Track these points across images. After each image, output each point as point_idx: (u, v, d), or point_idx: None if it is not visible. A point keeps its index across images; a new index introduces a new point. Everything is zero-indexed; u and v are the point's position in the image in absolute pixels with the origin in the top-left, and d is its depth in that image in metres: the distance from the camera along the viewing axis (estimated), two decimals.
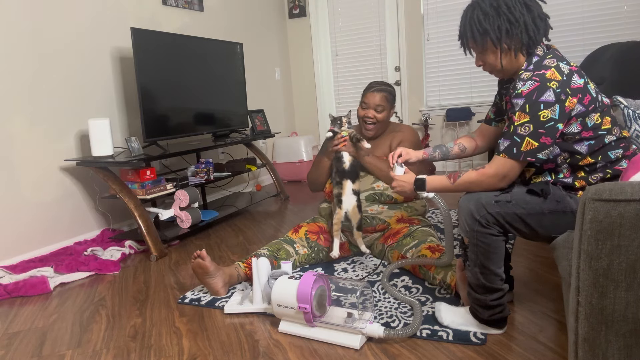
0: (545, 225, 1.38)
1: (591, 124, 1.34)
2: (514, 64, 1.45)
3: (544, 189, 1.37)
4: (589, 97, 1.33)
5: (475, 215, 1.39)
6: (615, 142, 1.37)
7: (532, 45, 1.41)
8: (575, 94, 1.32)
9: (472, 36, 1.44)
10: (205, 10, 4.10)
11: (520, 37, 1.39)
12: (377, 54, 5.00)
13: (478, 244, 1.42)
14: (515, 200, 1.37)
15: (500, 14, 1.38)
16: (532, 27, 1.38)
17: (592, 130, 1.34)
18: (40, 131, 2.77)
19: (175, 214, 2.91)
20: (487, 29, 1.39)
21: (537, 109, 1.31)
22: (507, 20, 1.38)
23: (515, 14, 1.37)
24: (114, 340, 1.75)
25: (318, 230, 2.35)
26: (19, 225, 2.66)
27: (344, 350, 1.55)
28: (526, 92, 1.33)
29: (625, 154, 1.39)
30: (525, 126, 1.33)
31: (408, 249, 2.09)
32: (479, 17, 1.41)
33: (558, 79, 1.31)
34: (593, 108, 1.34)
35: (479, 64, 1.50)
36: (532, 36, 1.39)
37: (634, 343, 0.91)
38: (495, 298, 1.48)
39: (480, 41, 1.44)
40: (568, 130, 1.35)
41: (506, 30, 1.38)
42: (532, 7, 1.39)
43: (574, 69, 1.35)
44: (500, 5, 1.38)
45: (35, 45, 2.75)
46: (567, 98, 1.31)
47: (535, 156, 1.34)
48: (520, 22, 1.37)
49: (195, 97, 3.47)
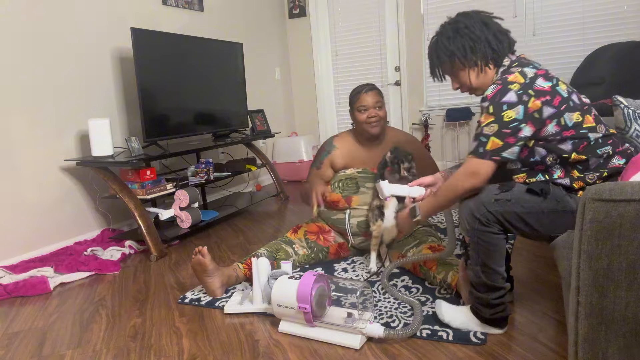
0: (545, 224, 1.39)
1: (571, 123, 1.37)
2: (483, 79, 1.53)
3: (543, 189, 1.38)
4: (559, 98, 1.37)
5: (475, 214, 1.41)
6: (602, 139, 1.39)
7: (498, 58, 1.50)
8: (539, 96, 1.36)
9: (441, 61, 1.56)
10: (205, 10, 4.10)
11: (484, 52, 1.49)
12: (377, 54, 5.00)
13: (479, 242, 1.44)
14: (515, 199, 1.39)
15: (462, 35, 1.49)
16: (494, 41, 1.48)
17: (574, 129, 1.37)
18: (40, 131, 2.77)
19: (175, 214, 2.91)
20: (452, 50, 1.51)
21: (500, 110, 1.36)
22: (470, 39, 1.49)
23: (475, 32, 1.48)
24: (114, 340, 1.75)
25: (317, 230, 2.35)
26: (19, 225, 2.66)
27: (344, 350, 1.55)
28: (490, 95, 1.39)
29: (616, 150, 1.39)
30: (490, 126, 1.38)
31: (409, 249, 2.09)
32: (443, 42, 1.53)
33: (520, 81, 1.37)
34: (567, 107, 1.37)
35: (456, 87, 1.59)
36: (495, 49, 1.49)
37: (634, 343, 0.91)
38: (497, 297, 1.48)
39: (449, 64, 1.54)
40: (547, 133, 1.39)
41: (470, 48, 1.49)
42: (490, 24, 1.50)
43: (540, 72, 1.40)
44: (459, 27, 1.50)
45: (35, 46, 2.75)
46: (529, 99, 1.36)
47: (500, 155, 1.38)
48: (482, 38, 1.48)
49: (195, 97, 3.47)
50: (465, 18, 1.52)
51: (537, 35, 4.31)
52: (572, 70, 4.06)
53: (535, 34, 4.31)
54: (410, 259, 1.95)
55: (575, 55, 4.17)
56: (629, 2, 3.97)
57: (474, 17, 1.51)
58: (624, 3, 3.99)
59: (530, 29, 4.32)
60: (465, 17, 1.52)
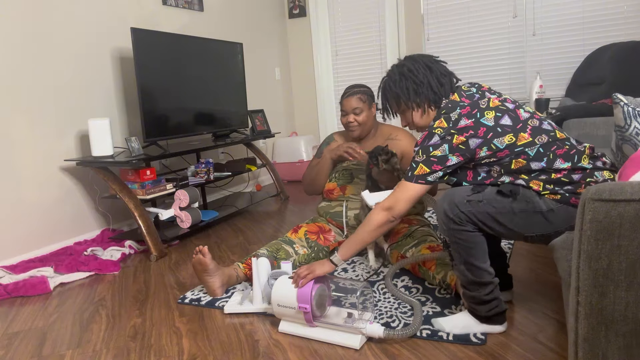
0: (518, 223, 1.43)
1: (502, 145, 1.45)
2: (425, 120, 1.63)
3: (512, 190, 1.44)
4: (483, 129, 1.45)
5: (448, 214, 1.46)
6: (543, 147, 1.44)
7: (438, 100, 1.59)
8: (462, 133, 1.45)
9: (388, 102, 1.66)
10: (205, 10, 4.10)
11: (427, 94, 1.59)
12: (377, 54, 5.00)
13: (457, 241, 1.48)
14: (486, 200, 1.44)
15: (407, 78, 1.60)
16: (436, 85, 1.58)
17: (507, 149, 1.45)
18: (40, 131, 2.77)
19: (175, 214, 2.91)
20: (397, 92, 1.61)
21: (428, 150, 1.49)
22: (413, 82, 1.59)
23: (419, 76, 1.58)
24: (114, 340, 1.75)
25: (318, 230, 2.35)
26: (19, 225, 2.67)
27: (344, 350, 1.55)
28: (419, 141, 1.52)
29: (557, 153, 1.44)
30: (419, 155, 1.50)
31: (408, 249, 2.09)
32: (389, 84, 1.64)
33: (444, 126, 1.48)
34: (493, 135, 1.45)
35: (404, 124, 1.70)
36: (436, 92, 1.58)
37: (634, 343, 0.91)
38: (488, 292, 1.50)
39: (395, 104, 1.65)
40: (481, 156, 1.47)
41: (414, 90, 1.59)
42: (434, 68, 1.60)
43: (464, 111, 1.48)
44: (403, 71, 1.60)
45: (35, 46, 2.75)
46: (452, 137, 1.46)
47: (425, 179, 1.49)
48: (425, 82, 1.58)
49: (195, 97, 3.47)
50: (410, 62, 1.61)
51: (537, 35, 4.31)
52: (572, 70, 4.06)
53: (535, 34, 4.31)
54: (409, 260, 1.96)
55: (575, 55, 4.16)
56: (629, 2, 3.97)
57: (418, 61, 1.61)
58: (624, 3, 3.99)
59: (530, 29, 4.32)
60: (410, 60, 1.62)
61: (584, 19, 4.13)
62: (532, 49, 4.35)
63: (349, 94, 2.33)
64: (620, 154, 1.75)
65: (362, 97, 2.32)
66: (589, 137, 2.78)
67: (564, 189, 1.41)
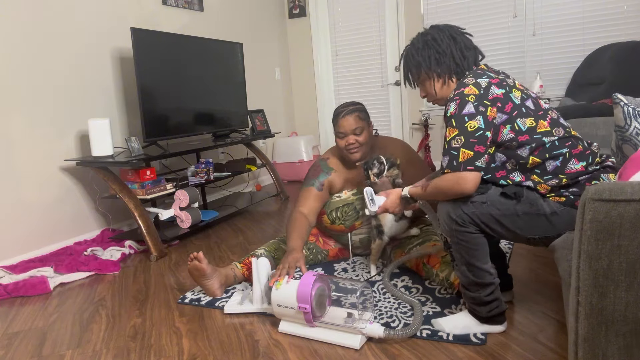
0: (521, 226, 1.43)
1: (524, 128, 1.42)
2: (446, 91, 1.60)
3: (516, 192, 1.43)
4: (510, 105, 1.43)
5: (452, 215, 1.46)
6: (558, 141, 1.42)
7: (461, 72, 1.56)
8: (494, 104, 1.42)
9: (409, 70, 1.63)
10: (205, 10, 4.10)
11: (449, 65, 1.56)
12: (377, 54, 5.00)
13: (459, 242, 1.48)
14: (490, 202, 1.44)
15: (430, 46, 1.57)
16: (459, 56, 1.55)
17: (527, 134, 1.42)
18: (40, 131, 2.77)
19: (175, 214, 2.91)
20: (419, 60, 1.59)
21: (462, 122, 1.42)
22: (436, 51, 1.56)
23: (442, 45, 1.55)
24: (114, 340, 1.75)
25: (317, 232, 2.35)
26: (19, 225, 2.67)
27: (344, 350, 1.55)
28: (452, 111, 1.45)
29: (572, 152, 1.42)
30: (457, 139, 1.42)
31: (411, 248, 2.08)
32: (412, 52, 1.61)
33: (475, 92, 1.43)
34: (518, 114, 1.42)
35: (423, 95, 1.66)
36: (459, 64, 1.56)
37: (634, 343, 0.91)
38: (489, 293, 1.50)
39: (416, 73, 1.62)
40: (503, 139, 1.43)
41: (435, 60, 1.56)
42: (458, 39, 1.57)
43: (495, 81, 1.46)
44: (428, 39, 1.58)
45: (35, 46, 2.75)
46: (486, 109, 1.42)
47: (474, 164, 1.41)
48: (447, 51, 1.55)
49: (195, 97, 3.47)
50: (435, 31, 1.59)
51: (537, 35, 4.31)
52: (572, 70, 4.07)
53: (535, 34, 4.31)
54: (405, 258, 1.96)
55: (575, 55, 4.16)
56: (629, 2, 3.97)
57: (443, 31, 1.58)
58: (624, 3, 3.99)
59: (530, 29, 4.32)
60: (435, 30, 1.59)
61: (584, 19, 4.13)
62: (532, 49, 4.35)
63: (345, 112, 2.09)
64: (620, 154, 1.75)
65: (361, 115, 2.10)
66: (589, 137, 2.78)
67: (569, 191, 1.41)
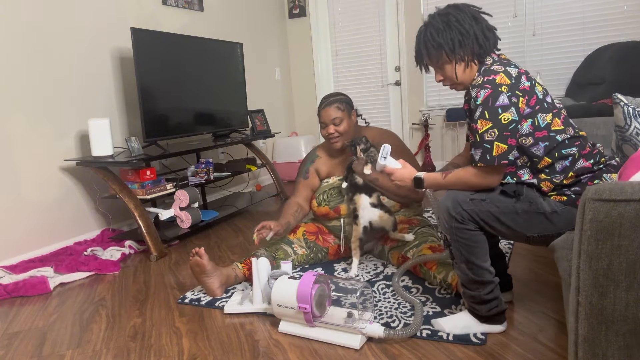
0: (520, 224, 1.43)
1: (544, 123, 1.41)
2: (468, 75, 1.53)
3: (516, 190, 1.43)
4: (535, 98, 1.41)
5: (451, 212, 1.45)
6: (569, 140, 1.42)
7: (483, 54, 1.50)
8: (524, 95, 1.40)
9: (428, 52, 1.53)
10: (205, 10, 4.10)
11: (472, 47, 1.48)
12: (377, 54, 5.00)
13: (458, 239, 1.47)
14: (489, 199, 1.44)
15: (452, 28, 1.47)
16: (482, 37, 1.48)
17: (545, 130, 1.41)
18: (40, 131, 2.77)
19: (175, 214, 2.91)
20: (440, 42, 1.48)
21: (496, 114, 1.38)
22: (459, 32, 1.47)
23: (465, 26, 1.47)
24: (114, 340, 1.75)
25: (316, 230, 2.35)
26: (19, 225, 2.66)
27: (344, 350, 1.55)
28: (482, 100, 1.40)
29: (581, 152, 1.43)
30: (490, 132, 1.39)
31: (409, 250, 2.09)
32: (432, 33, 1.50)
33: (507, 82, 1.39)
34: (540, 108, 1.41)
35: (439, 79, 1.57)
36: (482, 45, 1.48)
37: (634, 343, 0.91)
38: (488, 291, 1.50)
39: (435, 55, 1.52)
40: (522, 132, 1.41)
41: (459, 42, 1.47)
42: (480, 19, 1.49)
43: (522, 71, 1.43)
44: (450, 20, 1.48)
45: (35, 46, 2.75)
46: (518, 100, 1.39)
47: (507, 158, 1.40)
48: (471, 33, 1.47)
49: (195, 97, 3.47)
50: (455, 11, 1.49)
51: (537, 35, 4.31)
52: (572, 70, 4.07)
53: (535, 34, 4.31)
54: (412, 262, 1.94)
55: (575, 55, 4.16)
56: (629, 2, 3.97)
57: (464, 11, 1.49)
58: (624, 3, 3.99)
59: (530, 29, 4.32)
60: (455, 9, 1.49)
61: (584, 19, 4.13)
62: (532, 49, 4.34)
63: (325, 104, 2.22)
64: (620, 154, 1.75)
65: (340, 106, 2.20)
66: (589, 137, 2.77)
67: (571, 190, 1.41)
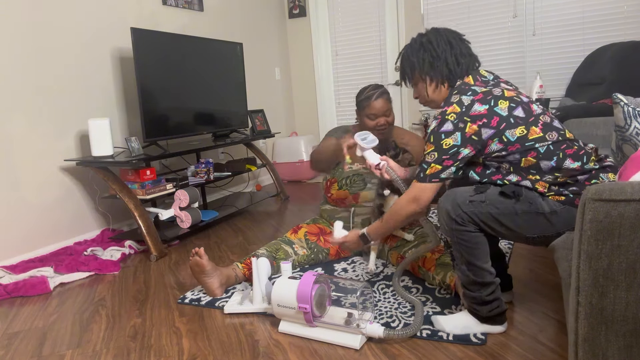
0: (520, 224, 1.43)
1: (514, 138, 1.44)
2: (438, 95, 1.62)
3: (515, 191, 1.43)
4: (496, 119, 1.44)
5: (451, 214, 1.46)
6: (553, 145, 1.43)
7: (453, 78, 1.57)
8: (475, 121, 1.44)
9: (404, 70, 1.66)
10: (205, 10, 4.10)
11: (441, 70, 1.57)
12: (377, 54, 5.00)
13: (459, 241, 1.48)
14: (489, 201, 1.44)
15: (426, 49, 1.59)
16: (453, 62, 1.56)
17: (518, 143, 1.44)
18: (40, 131, 2.77)
19: (175, 214, 2.91)
20: (414, 62, 1.61)
21: (439, 139, 1.46)
22: (431, 55, 1.57)
23: (437, 50, 1.57)
24: (114, 340, 1.75)
25: (318, 231, 2.35)
26: (19, 225, 2.66)
27: (344, 350, 1.55)
28: (432, 128, 1.50)
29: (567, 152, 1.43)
30: (431, 154, 1.48)
31: (407, 250, 2.09)
32: (408, 52, 1.63)
33: (457, 111, 1.46)
34: (506, 125, 1.44)
35: (415, 96, 1.69)
36: (452, 70, 1.57)
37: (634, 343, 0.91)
38: (489, 293, 1.51)
39: (410, 74, 1.64)
40: (491, 150, 1.46)
41: (429, 63, 1.58)
42: (455, 45, 1.58)
43: (478, 97, 1.47)
44: (424, 42, 1.59)
45: (35, 46, 2.75)
46: (465, 125, 1.44)
47: (439, 177, 1.49)
48: (442, 57, 1.56)
49: (195, 97, 3.47)
50: (434, 34, 1.60)
51: (537, 35, 4.30)
52: (572, 70, 4.06)
53: (535, 34, 4.31)
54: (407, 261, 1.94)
55: (575, 55, 4.16)
56: (629, 2, 3.97)
57: (442, 35, 1.59)
58: (624, 3, 3.99)
59: (530, 29, 4.32)
60: (434, 33, 1.60)
61: (584, 19, 4.12)
62: (532, 49, 4.34)
63: (376, 95, 2.20)
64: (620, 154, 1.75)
65: (388, 97, 2.25)
66: (589, 137, 2.77)
67: (569, 190, 1.41)
